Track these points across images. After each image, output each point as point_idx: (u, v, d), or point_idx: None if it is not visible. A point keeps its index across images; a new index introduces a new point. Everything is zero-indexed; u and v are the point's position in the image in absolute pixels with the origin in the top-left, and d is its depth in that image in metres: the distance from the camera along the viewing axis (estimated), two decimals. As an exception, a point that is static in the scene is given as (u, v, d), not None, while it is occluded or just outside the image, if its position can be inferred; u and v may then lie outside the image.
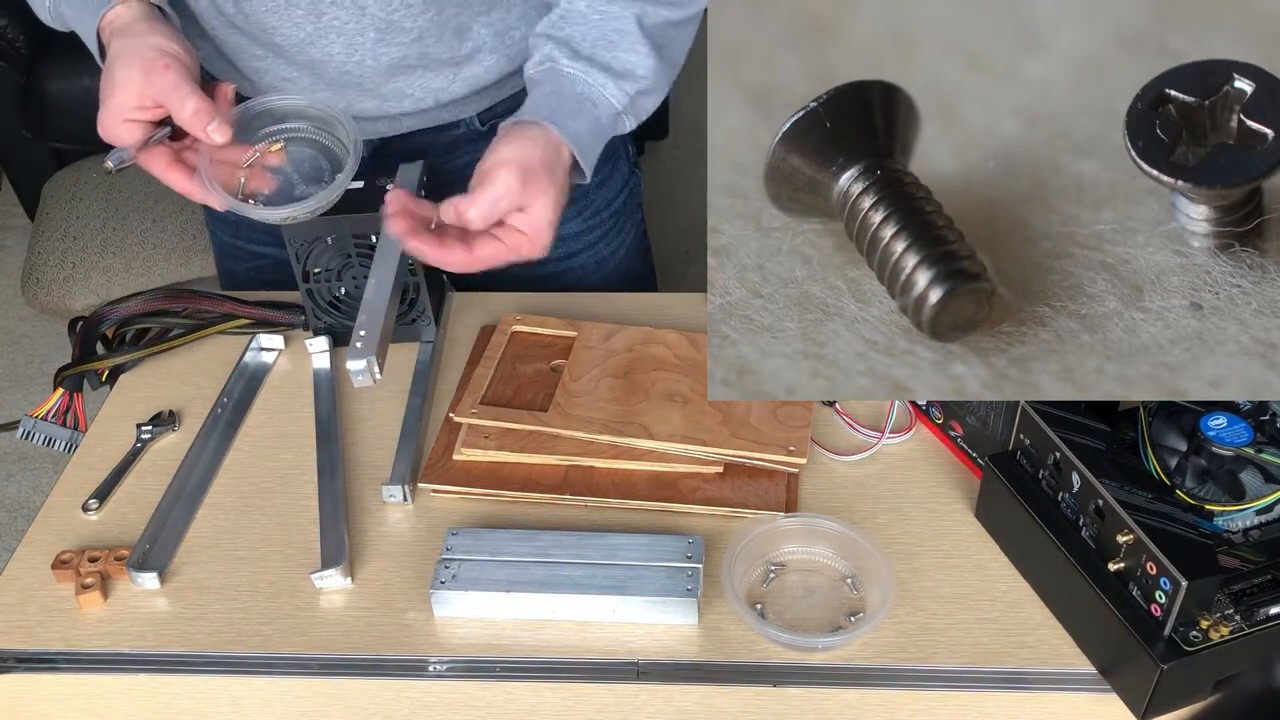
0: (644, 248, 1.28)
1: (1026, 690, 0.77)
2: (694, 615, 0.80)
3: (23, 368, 2.38)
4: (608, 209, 1.17)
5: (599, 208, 1.15)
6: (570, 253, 1.17)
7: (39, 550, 0.87)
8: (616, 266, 1.22)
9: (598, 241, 1.19)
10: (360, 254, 0.99)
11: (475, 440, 0.92)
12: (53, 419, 0.99)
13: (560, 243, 1.12)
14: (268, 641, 0.80)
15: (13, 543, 0.90)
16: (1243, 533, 0.76)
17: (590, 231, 1.17)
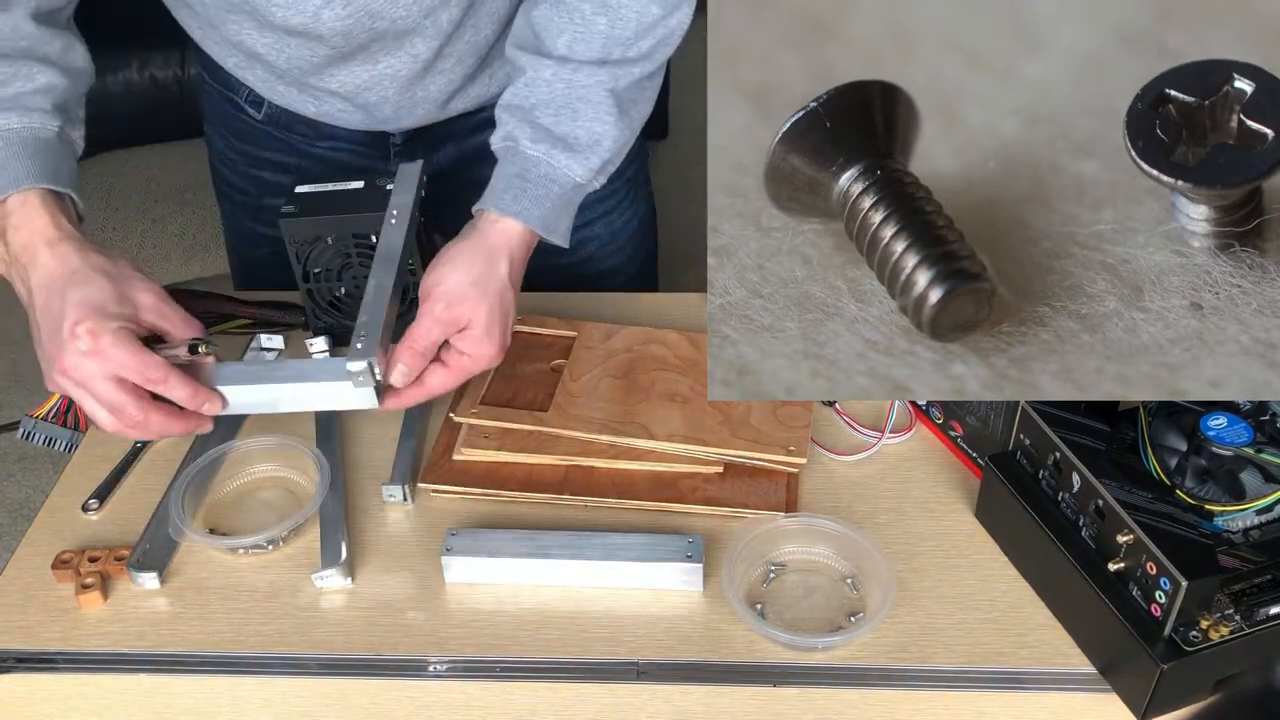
0: (653, 220, 1.29)
1: (1026, 690, 0.77)
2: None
3: (23, 368, 2.37)
4: (621, 178, 1.17)
5: (613, 177, 1.16)
6: (587, 221, 1.17)
7: (39, 550, 0.87)
8: (631, 237, 1.23)
9: (612, 211, 1.19)
10: (360, 254, 0.99)
11: (475, 440, 0.92)
12: (53, 419, 0.99)
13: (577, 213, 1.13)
14: (267, 641, 0.80)
15: (13, 543, 0.90)
16: (1243, 533, 0.76)
17: (605, 201, 1.17)
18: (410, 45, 0.96)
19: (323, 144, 1.13)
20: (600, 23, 0.90)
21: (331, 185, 1.01)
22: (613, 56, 0.91)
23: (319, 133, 1.11)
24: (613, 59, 0.91)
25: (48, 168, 0.82)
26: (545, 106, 0.90)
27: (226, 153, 1.18)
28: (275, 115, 1.11)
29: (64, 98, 0.86)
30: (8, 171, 0.80)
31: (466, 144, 1.13)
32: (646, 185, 1.26)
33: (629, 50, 0.91)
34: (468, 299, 0.85)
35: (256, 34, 0.95)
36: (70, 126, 0.86)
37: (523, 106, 0.91)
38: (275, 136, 1.13)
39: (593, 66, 0.90)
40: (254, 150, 1.16)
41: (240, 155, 1.17)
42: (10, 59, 0.83)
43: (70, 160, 0.86)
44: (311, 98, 1.04)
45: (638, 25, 0.90)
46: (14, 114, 0.82)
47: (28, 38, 0.84)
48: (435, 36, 0.96)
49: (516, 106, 0.91)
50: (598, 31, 0.90)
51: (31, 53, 0.84)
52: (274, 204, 1.00)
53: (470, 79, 1.04)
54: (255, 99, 1.11)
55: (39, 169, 0.81)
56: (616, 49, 0.91)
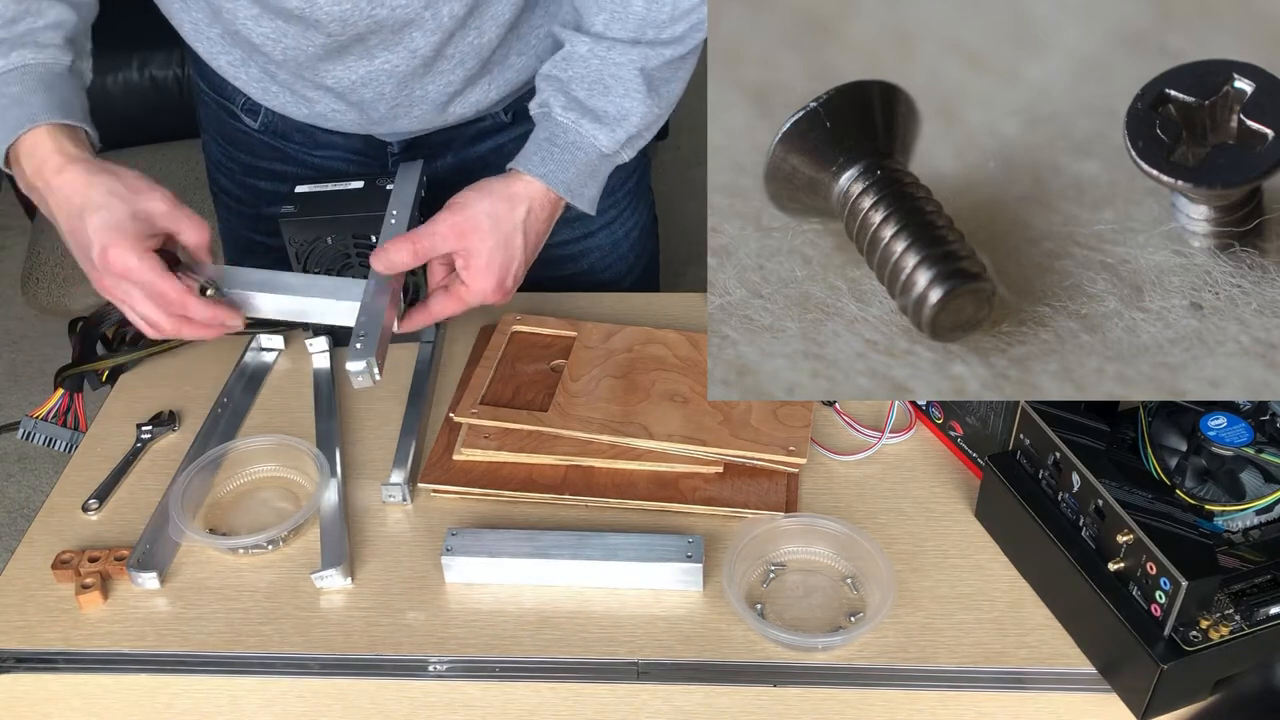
0: (655, 227, 1.31)
1: (1026, 690, 0.77)
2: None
3: (23, 368, 2.38)
4: (621, 189, 1.19)
5: (613, 187, 1.17)
6: (588, 232, 1.19)
7: (39, 550, 0.87)
8: (632, 246, 1.24)
9: (613, 222, 1.20)
10: (360, 254, 0.99)
11: (475, 440, 0.92)
12: (53, 419, 0.99)
13: (577, 224, 1.15)
14: (267, 641, 0.80)
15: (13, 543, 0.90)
16: (1243, 533, 0.76)
17: (605, 213, 1.18)
18: (409, 39, 0.96)
19: (319, 153, 1.13)
20: (637, 5, 0.93)
21: (332, 185, 1.01)
22: (646, 37, 0.94)
23: (315, 141, 1.11)
24: (646, 39, 0.94)
25: (61, 101, 0.87)
26: (580, 81, 0.95)
27: (224, 161, 1.18)
28: (271, 124, 1.11)
29: (73, 31, 0.91)
30: (24, 106, 0.86)
31: (466, 153, 1.12)
32: (648, 194, 1.27)
33: (663, 32, 0.94)
34: (480, 228, 0.90)
35: (254, 23, 0.95)
36: (80, 59, 0.92)
37: (559, 78, 0.95)
38: (272, 145, 1.13)
39: (626, 45, 0.94)
40: (250, 159, 1.15)
41: (237, 164, 1.17)
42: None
43: (80, 92, 0.91)
44: (304, 99, 1.04)
45: (673, 10, 0.94)
46: (28, 50, 0.87)
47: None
48: (435, 31, 0.96)
49: (554, 77, 0.96)
50: (634, 13, 0.94)
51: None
52: (270, 213, 1.00)
53: (470, 83, 1.04)
54: (251, 107, 1.11)
55: (53, 103, 0.86)
56: (650, 30, 0.94)
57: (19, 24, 0.87)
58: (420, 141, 1.11)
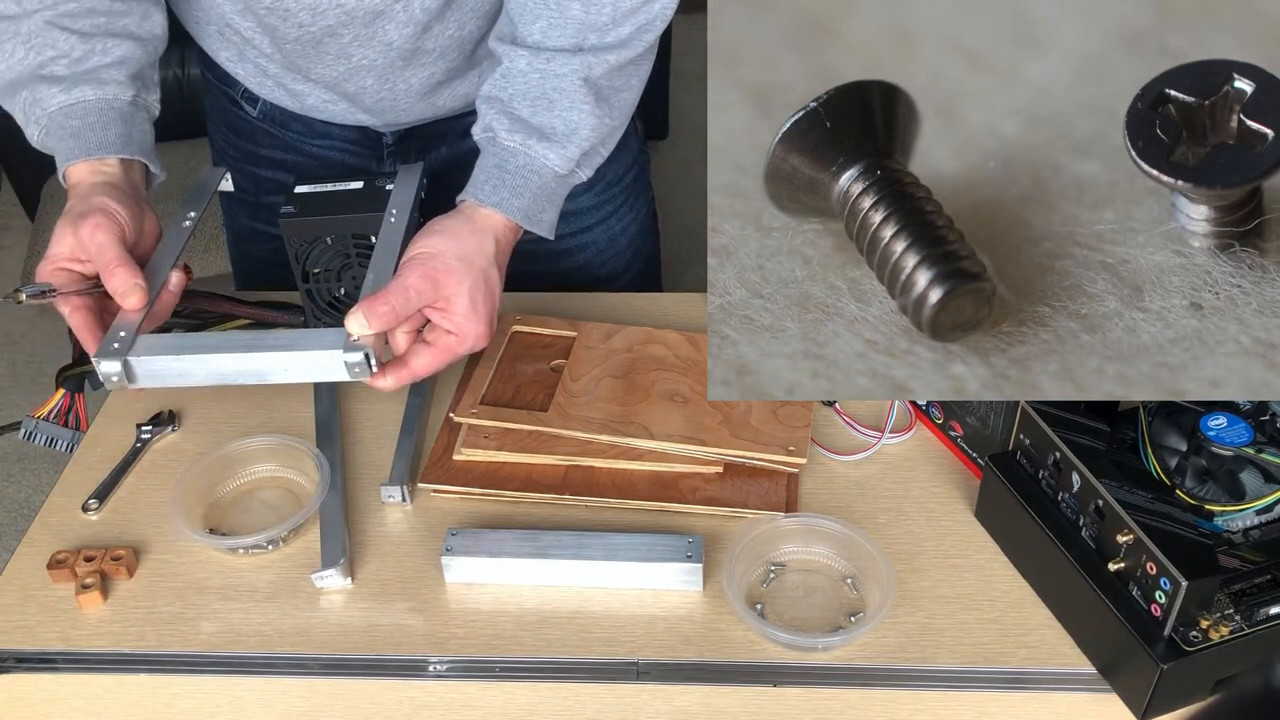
0: (654, 224, 1.28)
1: (1026, 690, 0.77)
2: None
3: (23, 368, 2.38)
4: (619, 184, 1.18)
5: (610, 183, 1.16)
6: (583, 227, 1.17)
7: (39, 550, 0.87)
8: (630, 242, 1.22)
9: (609, 216, 1.19)
10: (360, 254, 0.99)
11: (475, 440, 0.92)
12: (54, 419, 0.99)
13: (573, 218, 1.12)
14: (268, 641, 0.80)
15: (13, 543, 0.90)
16: (1243, 533, 0.76)
17: (602, 207, 1.17)
18: (382, 32, 0.96)
19: (317, 142, 1.13)
20: (575, 9, 0.88)
21: (331, 185, 1.01)
22: (588, 43, 0.89)
23: (313, 130, 1.12)
24: (588, 45, 0.90)
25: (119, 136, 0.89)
26: (522, 98, 0.90)
27: (226, 149, 1.19)
28: (270, 112, 1.12)
29: (138, 67, 0.92)
30: (81, 140, 0.87)
31: (459, 146, 1.12)
32: (647, 190, 1.25)
33: (605, 36, 0.90)
34: (454, 271, 0.83)
35: (240, 17, 0.96)
36: (144, 92, 0.92)
37: (500, 98, 0.90)
38: (271, 133, 1.14)
39: (567, 55, 0.89)
40: (251, 147, 1.16)
41: (238, 152, 1.17)
42: (88, 36, 0.89)
43: (143, 125, 0.92)
44: (294, 92, 1.04)
45: (614, 11, 0.89)
46: (89, 87, 0.88)
47: (106, 14, 0.90)
48: (408, 24, 0.95)
49: (494, 98, 0.91)
50: (572, 18, 0.89)
51: (108, 28, 0.90)
52: (271, 201, 1.00)
53: (457, 75, 1.03)
54: (251, 95, 1.11)
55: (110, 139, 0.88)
56: (592, 35, 0.89)
57: (84, 63, 0.88)
58: (414, 133, 1.11)
